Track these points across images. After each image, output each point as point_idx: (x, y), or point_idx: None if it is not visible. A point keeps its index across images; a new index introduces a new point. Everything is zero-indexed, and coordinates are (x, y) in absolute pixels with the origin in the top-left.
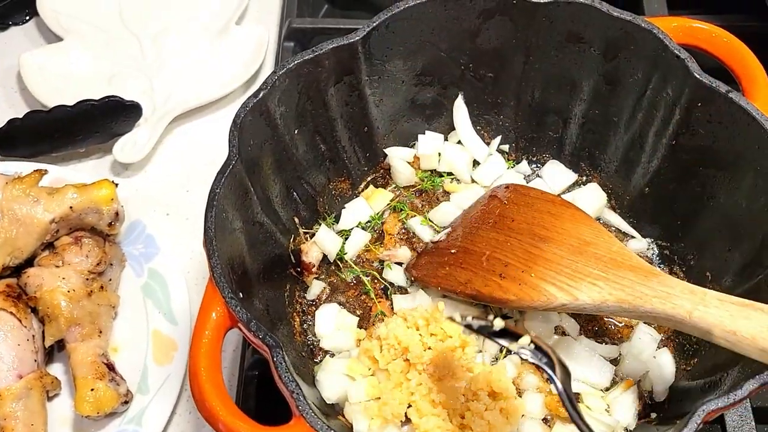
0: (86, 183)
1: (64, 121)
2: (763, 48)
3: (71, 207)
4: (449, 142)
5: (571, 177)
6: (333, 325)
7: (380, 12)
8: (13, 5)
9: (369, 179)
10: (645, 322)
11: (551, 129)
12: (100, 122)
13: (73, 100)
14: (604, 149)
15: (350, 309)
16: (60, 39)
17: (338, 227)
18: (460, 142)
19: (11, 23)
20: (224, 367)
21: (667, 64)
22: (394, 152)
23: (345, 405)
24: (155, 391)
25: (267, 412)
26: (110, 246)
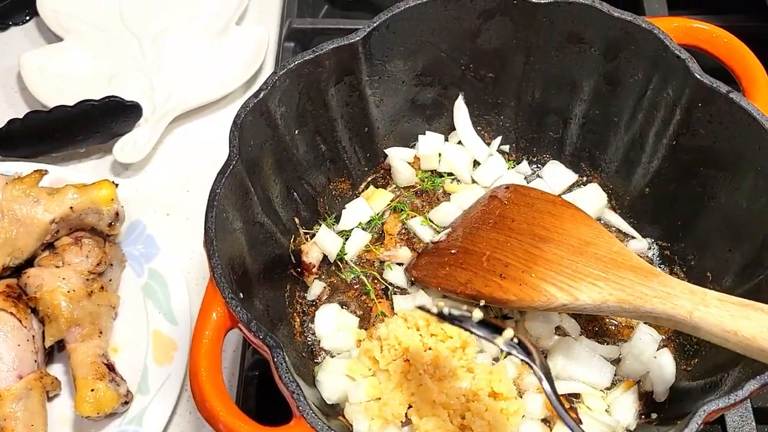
0: (86, 183)
1: (64, 121)
2: (763, 48)
3: (71, 207)
4: (450, 143)
5: (572, 177)
6: (333, 326)
7: (381, 12)
8: (13, 5)
9: (369, 179)
10: (645, 323)
11: (551, 129)
12: (100, 122)
13: (73, 100)
14: (605, 149)
15: (350, 309)
16: (60, 39)
17: (338, 227)
18: (461, 143)
19: (11, 23)
20: (224, 368)
21: (668, 65)
22: (395, 152)
23: (345, 405)
24: (155, 392)
25: (267, 413)
26: (110, 246)
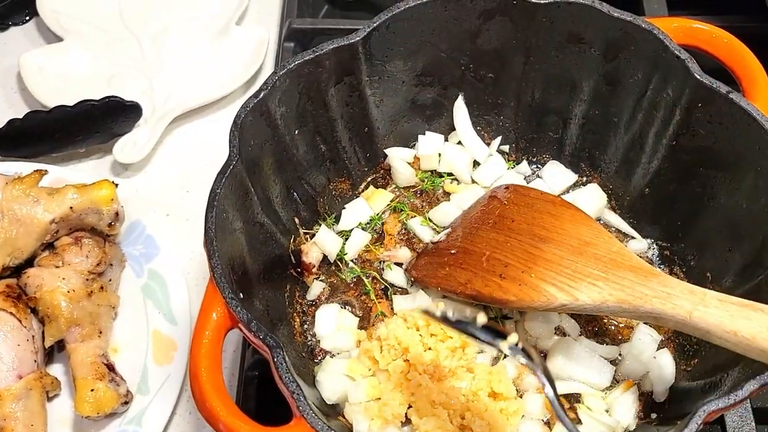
0: (86, 183)
1: (64, 122)
2: (763, 48)
3: (71, 207)
4: (449, 143)
5: (571, 177)
6: (333, 326)
7: (381, 12)
8: (13, 5)
9: (369, 180)
10: (645, 323)
11: (551, 129)
12: (100, 122)
13: (73, 101)
14: (604, 150)
15: (350, 309)
16: (60, 39)
17: (338, 228)
18: (461, 143)
19: (11, 23)
20: (224, 368)
21: (668, 65)
22: (395, 153)
23: (345, 405)
24: (155, 392)
25: (267, 413)
26: (110, 246)
